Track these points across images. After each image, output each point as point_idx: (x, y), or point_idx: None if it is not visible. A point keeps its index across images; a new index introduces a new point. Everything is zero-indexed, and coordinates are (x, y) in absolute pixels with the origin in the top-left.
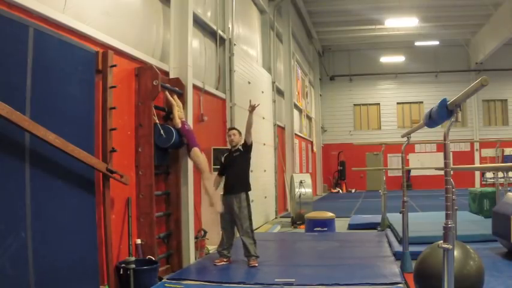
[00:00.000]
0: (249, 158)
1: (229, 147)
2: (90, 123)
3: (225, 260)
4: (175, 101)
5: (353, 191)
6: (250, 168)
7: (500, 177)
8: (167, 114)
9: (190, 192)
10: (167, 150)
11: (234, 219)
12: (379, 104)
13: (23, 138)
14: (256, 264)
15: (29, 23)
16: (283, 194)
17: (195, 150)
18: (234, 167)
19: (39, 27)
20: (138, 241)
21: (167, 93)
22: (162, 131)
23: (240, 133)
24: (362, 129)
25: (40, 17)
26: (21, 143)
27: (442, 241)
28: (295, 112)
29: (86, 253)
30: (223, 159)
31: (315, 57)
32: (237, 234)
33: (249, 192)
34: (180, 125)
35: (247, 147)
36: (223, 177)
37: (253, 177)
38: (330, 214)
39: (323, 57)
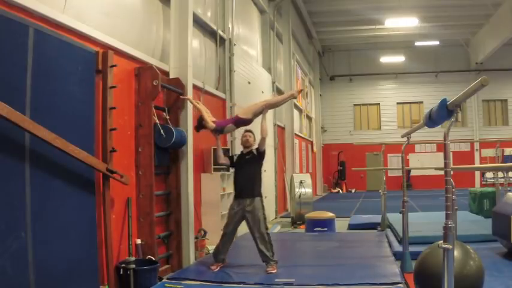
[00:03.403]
0: (261, 164)
1: (236, 149)
2: (90, 123)
3: (220, 264)
4: (200, 105)
5: (353, 191)
6: None
7: (500, 177)
8: (199, 123)
9: (190, 192)
10: (167, 150)
11: (239, 223)
12: (379, 104)
13: (23, 138)
14: (275, 271)
15: (29, 23)
16: (283, 194)
17: (241, 111)
18: (246, 170)
19: (39, 27)
20: (138, 241)
21: (191, 98)
22: (162, 131)
23: (254, 137)
24: (362, 129)
25: (40, 17)
26: (21, 143)
27: (442, 241)
28: (295, 112)
29: (86, 253)
30: (235, 158)
31: (315, 57)
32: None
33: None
34: (214, 126)
35: (261, 153)
36: (228, 162)
37: None
38: (330, 214)
39: (323, 57)
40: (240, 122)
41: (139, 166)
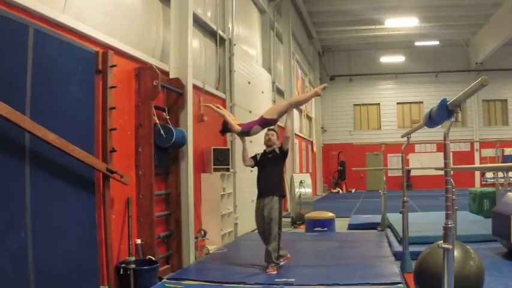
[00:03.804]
0: (283, 164)
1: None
2: (90, 123)
3: (284, 259)
4: (222, 110)
5: (353, 191)
6: (250, 169)
7: (500, 177)
8: (224, 127)
9: (191, 192)
10: (167, 150)
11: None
12: (379, 104)
13: (23, 138)
14: (275, 273)
15: (29, 23)
16: None
17: (265, 112)
18: (267, 168)
19: (39, 27)
20: (138, 241)
21: (212, 105)
22: (162, 131)
23: (277, 135)
24: (362, 129)
25: (40, 17)
26: (21, 143)
27: (442, 241)
28: (295, 112)
29: (86, 253)
30: (258, 156)
31: (315, 57)
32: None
33: (274, 196)
34: (240, 128)
35: (284, 152)
36: (252, 164)
37: (254, 177)
38: (330, 214)
39: (323, 57)
40: (265, 123)
41: (139, 166)
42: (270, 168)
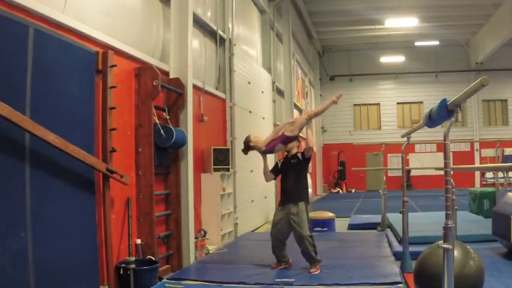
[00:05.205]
0: (306, 169)
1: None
2: (90, 123)
3: (283, 264)
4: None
5: (353, 191)
6: (251, 168)
7: (500, 177)
8: (246, 145)
9: (191, 192)
10: (167, 150)
11: (289, 228)
12: (379, 104)
13: (23, 138)
14: (317, 272)
15: (29, 23)
16: None
17: (287, 129)
18: (291, 175)
19: (39, 27)
20: (138, 241)
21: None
22: (162, 131)
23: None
24: (362, 129)
25: (40, 17)
26: (21, 143)
27: (442, 241)
28: (295, 112)
29: (86, 253)
30: (279, 164)
31: (315, 57)
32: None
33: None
34: (264, 149)
35: (306, 159)
36: (273, 177)
37: (254, 177)
38: (330, 214)
39: (323, 57)
40: (287, 140)
41: (139, 166)
42: (294, 175)
